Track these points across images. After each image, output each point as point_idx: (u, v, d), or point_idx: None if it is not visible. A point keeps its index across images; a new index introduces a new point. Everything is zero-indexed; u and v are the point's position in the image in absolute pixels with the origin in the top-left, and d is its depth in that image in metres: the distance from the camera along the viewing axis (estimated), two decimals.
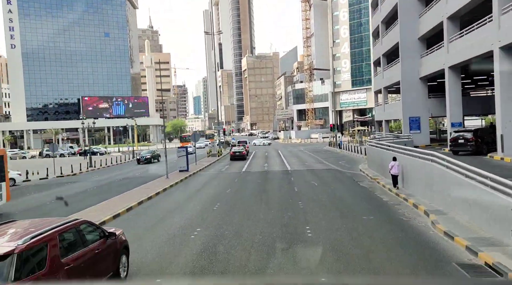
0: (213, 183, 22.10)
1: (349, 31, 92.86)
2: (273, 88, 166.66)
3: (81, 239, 6.94)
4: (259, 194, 17.61)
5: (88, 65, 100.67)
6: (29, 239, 5.79)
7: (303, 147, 58.70)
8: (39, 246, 5.91)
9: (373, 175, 21.82)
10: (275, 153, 48.38)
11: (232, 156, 38.18)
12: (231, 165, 33.43)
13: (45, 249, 5.96)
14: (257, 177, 24.42)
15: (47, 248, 5.98)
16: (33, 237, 5.89)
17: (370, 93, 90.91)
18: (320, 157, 38.73)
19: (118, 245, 7.92)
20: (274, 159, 38.15)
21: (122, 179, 26.93)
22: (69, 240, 6.71)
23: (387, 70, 36.34)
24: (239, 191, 18.89)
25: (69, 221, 7.01)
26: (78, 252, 6.65)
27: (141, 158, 40.58)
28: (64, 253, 6.32)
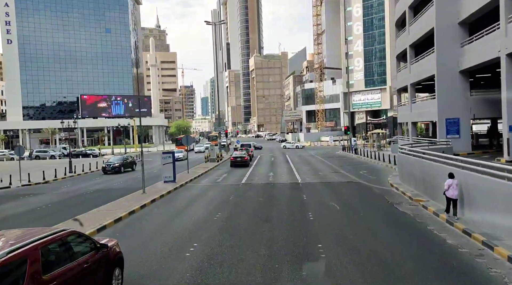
0: (200, 203, 16.86)
1: (363, 27, 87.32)
2: (281, 89, 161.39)
3: (68, 252, 6.40)
4: (258, 226, 12.34)
5: (88, 63, 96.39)
6: (5, 254, 5.22)
7: (313, 151, 53.34)
8: (17, 261, 5.35)
9: (412, 194, 16.44)
10: (283, 157, 43.10)
11: (232, 162, 33.04)
12: (230, 174, 28.24)
13: (24, 265, 5.39)
14: (259, 192, 19.20)
15: (26, 263, 5.41)
16: (10, 252, 5.31)
17: (384, 94, 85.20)
18: (335, 164, 33.38)
19: (111, 257, 7.43)
20: (281, 166, 32.88)
21: (93, 192, 21.91)
22: (54, 254, 6.14)
23: (415, 63, 30.90)
24: (231, 218, 13.64)
25: (55, 232, 6.36)
26: (64, 267, 6.09)
27: (107, 166, 32.11)
28: (47, 269, 5.73)
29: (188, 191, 20.20)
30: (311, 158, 42.19)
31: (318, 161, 37.72)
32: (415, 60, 30.69)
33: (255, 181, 23.62)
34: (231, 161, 33.17)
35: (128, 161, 33.74)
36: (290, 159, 41.10)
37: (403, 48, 33.25)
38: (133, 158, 34.64)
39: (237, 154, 34.09)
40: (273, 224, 12.51)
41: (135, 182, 23.34)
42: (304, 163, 35.76)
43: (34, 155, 59.78)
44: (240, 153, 34.40)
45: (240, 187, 21.27)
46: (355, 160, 36.75)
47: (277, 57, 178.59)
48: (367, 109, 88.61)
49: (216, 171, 30.29)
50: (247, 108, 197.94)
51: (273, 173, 27.79)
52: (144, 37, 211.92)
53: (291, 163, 35.83)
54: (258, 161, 39.15)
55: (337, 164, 33.39)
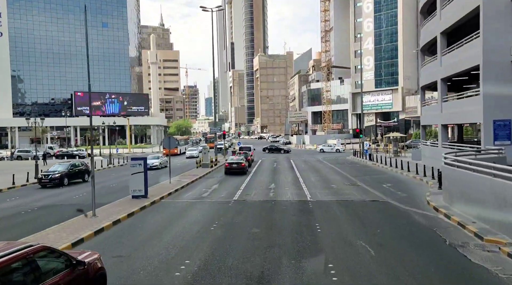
0: (166, 236, 11.51)
1: (374, 24, 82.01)
2: (285, 90, 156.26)
3: (36, 272, 5.49)
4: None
5: (84, 58, 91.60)
6: None
7: (321, 156, 48.07)
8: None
9: (478, 227, 11.15)
10: (287, 163, 37.87)
11: (227, 169, 27.91)
12: (222, 184, 23.09)
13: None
14: (254, 217, 14.03)
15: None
16: None
17: (396, 95, 79.79)
18: (349, 172, 28.15)
19: (90, 274, 6.50)
20: (284, 175, 27.69)
21: (37, 209, 16.82)
22: (17, 275, 5.32)
23: (448, 54, 25.63)
24: (202, 275, 8.41)
25: (20, 249, 5.46)
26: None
27: (44, 176, 23.96)
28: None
29: (159, 213, 14.99)
30: (318, 164, 36.94)
31: (327, 168, 32.48)
32: (448, 50, 25.47)
33: (252, 196, 18.44)
34: (226, 168, 28.03)
35: (77, 170, 25.89)
36: (295, 164, 35.87)
37: (431, 37, 28.00)
38: (85, 165, 26.91)
39: (233, 159, 28.95)
40: None
41: (96, 197, 18.21)
42: (312, 170, 30.53)
43: (16, 154, 54.99)
44: (237, 158, 29.26)
45: (230, 206, 16.09)
46: (371, 168, 31.47)
47: (282, 57, 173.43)
48: (377, 111, 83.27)
49: (206, 180, 25.11)
50: (251, 109, 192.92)
51: (275, 184, 22.58)
52: (147, 35, 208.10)
53: (297, 170, 30.61)
54: (258, 167, 33.98)
55: (351, 172, 28.16)
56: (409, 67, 79.38)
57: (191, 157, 46.17)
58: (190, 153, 48.05)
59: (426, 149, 31.11)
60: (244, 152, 34.77)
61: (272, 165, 36.64)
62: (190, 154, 47.96)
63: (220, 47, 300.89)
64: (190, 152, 49.24)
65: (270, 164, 37.83)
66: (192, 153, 47.98)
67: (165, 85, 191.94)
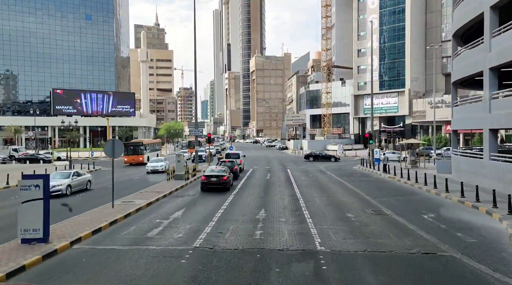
0: None
1: (379, 21, 75.73)
2: (282, 92, 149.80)
3: None
4: None
5: (65, 53, 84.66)
6: None
7: (323, 164, 41.25)
8: None
9: None
10: (283, 174, 31.00)
11: (203, 183, 21.03)
12: (190, 210, 16.11)
13: None
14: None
15: None
16: None
17: (402, 98, 73.23)
18: (365, 190, 21.29)
19: None
20: (280, 193, 20.82)
21: None
22: None
23: (503, 34, 19.00)
24: None
25: None
26: None
27: None
28: None
29: None
30: (322, 176, 30.11)
31: (335, 182, 25.62)
32: (504, 29, 18.86)
33: (227, 237, 11.52)
34: (202, 182, 21.13)
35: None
36: (293, 176, 29.04)
37: (474, 14, 21.40)
38: None
39: (214, 170, 22.01)
40: None
41: None
42: (315, 186, 23.68)
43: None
44: (218, 168, 22.32)
45: (183, 264, 9.16)
46: (391, 185, 24.62)
47: (279, 59, 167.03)
48: (380, 115, 76.76)
49: (171, 202, 18.09)
50: (246, 112, 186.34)
51: (265, 211, 15.65)
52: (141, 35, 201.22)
53: (296, 185, 23.75)
54: (247, 180, 27.11)
55: (367, 190, 21.34)
56: (416, 68, 73.04)
57: (155, 171, 31.67)
58: (153, 166, 32.19)
59: (461, 161, 24.36)
60: (230, 160, 27.87)
61: (264, 176, 29.76)
62: (152, 167, 32.05)
63: (217, 49, 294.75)
64: (153, 164, 32.79)
65: (262, 174, 30.97)
66: (155, 165, 32.22)
67: (158, 86, 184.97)
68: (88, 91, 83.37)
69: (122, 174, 31.77)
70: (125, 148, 36.78)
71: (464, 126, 25.81)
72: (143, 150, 41.57)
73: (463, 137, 64.60)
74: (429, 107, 68.31)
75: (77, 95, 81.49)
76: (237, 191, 21.33)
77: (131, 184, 24.93)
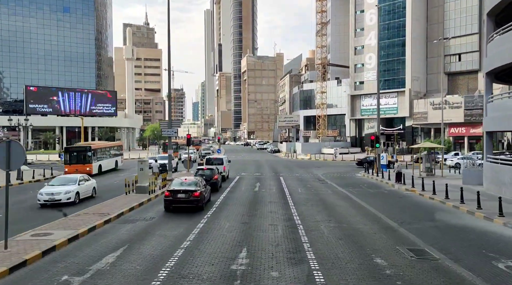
0: None
1: (377, 16, 70.65)
2: (275, 94, 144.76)
3: None
4: None
5: (40, 48, 78.31)
6: None
7: (320, 171, 35.91)
8: None
9: None
10: (275, 184, 25.56)
11: (168, 202, 15.50)
12: (133, 250, 10.55)
13: None
14: None
15: None
16: None
17: (402, 98, 68.36)
18: (383, 210, 15.91)
19: None
20: (271, 216, 15.39)
21: None
22: None
23: None
24: None
25: None
26: None
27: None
28: None
29: None
30: (322, 186, 24.74)
31: (340, 197, 20.25)
32: None
33: None
34: (166, 199, 15.57)
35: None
36: (287, 187, 23.64)
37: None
38: None
39: (183, 183, 16.38)
40: None
41: None
42: (317, 203, 18.27)
43: None
44: (190, 180, 16.71)
45: None
46: (412, 200, 19.27)
47: (271, 59, 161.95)
48: None
49: (111, 233, 12.24)
50: (238, 113, 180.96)
51: (247, 252, 10.15)
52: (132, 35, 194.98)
53: (291, 202, 18.34)
54: (230, 192, 21.64)
55: (387, 211, 16.01)
56: (417, 67, 68.37)
57: (54, 203, 17.24)
58: (51, 193, 17.40)
59: (506, 171, 19.10)
60: (210, 168, 22.32)
61: (253, 186, 24.29)
62: (49, 194, 17.34)
63: (208, 49, 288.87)
64: (53, 188, 17.78)
65: (250, 184, 25.52)
66: (56, 191, 17.47)
67: (146, 86, 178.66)
68: (66, 89, 77.17)
69: None
70: (66, 154, 30.53)
71: (504, 126, 20.57)
72: (91, 156, 30.60)
73: (467, 141, 60.03)
74: (432, 109, 63.62)
75: (53, 93, 75.23)
76: (213, 211, 15.89)
77: None
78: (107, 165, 34.03)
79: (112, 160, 36.18)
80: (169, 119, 25.64)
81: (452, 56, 66.59)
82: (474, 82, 65.66)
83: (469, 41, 64.57)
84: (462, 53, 65.59)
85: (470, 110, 59.02)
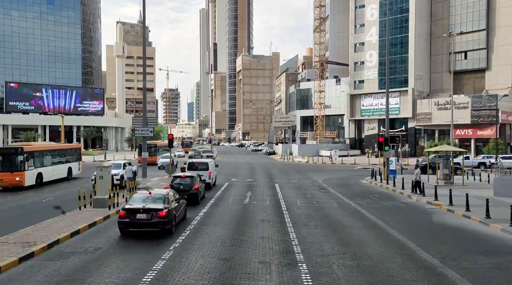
0: None
1: (379, 11, 67.45)
2: (270, 94, 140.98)
3: None
4: None
5: (22, 42, 73.85)
6: None
7: (320, 176, 31.95)
8: None
9: None
10: (270, 194, 21.55)
11: (123, 223, 11.45)
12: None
13: None
14: None
15: None
16: None
17: (404, 98, 64.61)
18: (410, 235, 11.91)
19: None
20: (263, 244, 11.42)
21: None
22: None
23: None
24: None
25: None
26: None
27: None
28: None
29: None
30: (325, 197, 20.77)
31: (350, 212, 16.22)
32: None
33: None
34: (120, 221, 11.50)
35: None
36: (283, 199, 19.64)
37: None
38: None
39: (146, 198, 12.29)
40: None
41: None
42: (322, 223, 14.24)
43: None
44: (154, 195, 12.51)
45: None
46: (443, 219, 15.26)
47: (267, 58, 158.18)
48: (380, 117, 68.18)
49: (19, 281, 8.40)
50: (232, 114, 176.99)
51: None
52: (125, 33, 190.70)
53: (289, 221, 14.32)
54: (214, 206, 17.60)
55: (416, 236, 12.04)
56: (421, 65, 64.82)
57: None
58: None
59: None
60: (189, 176, 18.21)
61: (242, 197, 20.26)
62: None
63: (203, 49, 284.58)
64: None
65: (240, 194, 21.50)
66: None
67: (138, 85, 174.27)
68: (50, 86, 72.76)
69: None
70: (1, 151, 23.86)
71: None
72: (24, 162, 22.69)
73: (474, 144, 56.52)
74: (436, 109, 60.07)
75: (35, 90, 70.84)
76: (186, 236, 11.88)
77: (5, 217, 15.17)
78: (52, 174, 26.03)
79: (63, 166, 27.68)
80: (143, 116, 21.52)
81: (458, 54, 63.14)
82: (481, 81, 62.17)
83: (476, 38, 61.07)
84: (468, 50, 62.11)
85: (478, 111, 55.54)
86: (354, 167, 45.19)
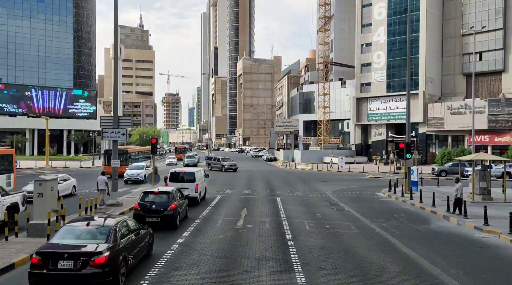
0: None
1: (387, 10, 63.56)
2: (272, 98, 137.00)
3: None
4: None
5: (10, 41, 70.06)
6: None
7: (327, 186, 27.61)
8: None
9: None
10: (270, 213, 17.24)
11: (35, 275, 7.23)
12: None
13: None
14: None
15: None
16: None
17: (415, 102, 59.97)
18: (466, 281, 7.80)
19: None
20: None
21: None
22: None
23: None
24: None
25: None
26: None
27: None
28: None
29: None
30: (339, 217, 16.50)
31: (377, 245, 11.92)
32: None
33: None
34: (31, 274, 7.31)
35: None
36: (287, 221, 15.39)
37: None
38: None
39: (80, 234, 8.07)
40: None
41: None
42: (343, 261, 10.00)
43: None
44: (93, 226, 8.28)
45: None
46: (510, 257, 11.14)
47: (268, 62, 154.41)
48: (388, 122, 64.07)
49: None
50: (233, 118, 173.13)
51: None
52: (125, 36, 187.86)
53: (297, 260, 10.11)
54: (194, 234, 13.32)
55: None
56: (432, 67, 60.70)
57: None
58: None
59: None
60: (164, 192, 13.96)
61: (235, 219, 15.97)
62: None
63: (204, 54, 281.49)
64: None
65: (233, 213, 17.21)
66: None
67: (137, 89, 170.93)
68: (40, 87, 68.90)
69: None
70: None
71: None
72: None
73: (490, 151, 52.28)
74: (449, 114, 55.87)
75: (23, 91, 66.94)
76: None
77: None
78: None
79: None
80: (114, 114, 17.12)
81: (472, 55, 59.06)
82: (497, 84, 57.94)
83: (492, 38, 56.93)
84: (483, 51, 57.94)
85: (495, 116, 51.39)
86: (364, 175, 40.95)
